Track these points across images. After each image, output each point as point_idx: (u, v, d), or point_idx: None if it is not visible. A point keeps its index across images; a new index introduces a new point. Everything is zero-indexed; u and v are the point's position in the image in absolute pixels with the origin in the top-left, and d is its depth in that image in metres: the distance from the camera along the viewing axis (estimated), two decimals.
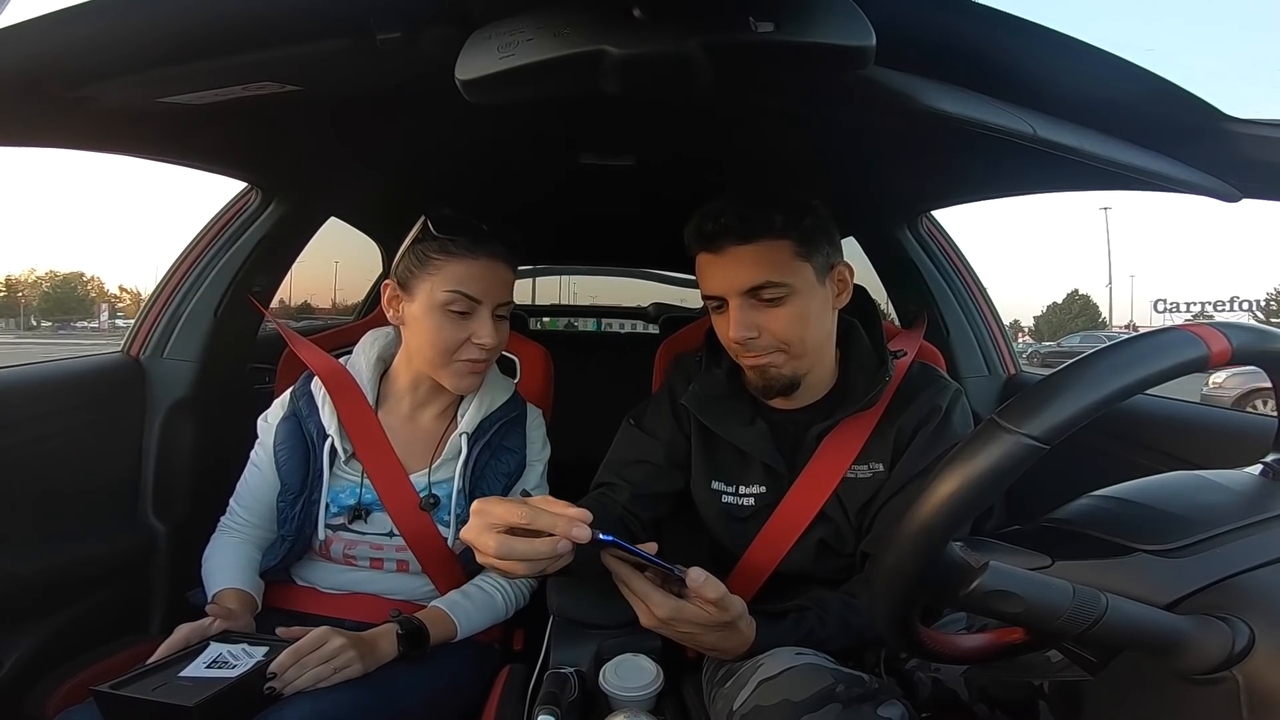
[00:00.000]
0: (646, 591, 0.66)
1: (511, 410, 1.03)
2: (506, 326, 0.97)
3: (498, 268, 0.92)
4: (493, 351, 0.93)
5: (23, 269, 68.93)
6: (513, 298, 0.96)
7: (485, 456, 0.98)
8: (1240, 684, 0.39)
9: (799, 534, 0.86)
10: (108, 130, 0.79)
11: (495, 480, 0.98)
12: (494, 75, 0.50)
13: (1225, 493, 0.48)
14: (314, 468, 0.93)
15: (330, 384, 0.97)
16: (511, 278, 0.95)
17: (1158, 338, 0.43)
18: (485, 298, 0.91)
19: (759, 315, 0.80)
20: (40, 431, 0.97)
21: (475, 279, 0.90)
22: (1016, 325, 43.15)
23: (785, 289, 0.79)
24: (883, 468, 0.86)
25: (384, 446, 0.95)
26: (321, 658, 0.74)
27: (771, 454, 0.87)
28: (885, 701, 0.62)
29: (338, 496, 0.94)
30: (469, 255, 0.90)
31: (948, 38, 0.55)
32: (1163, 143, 0.64)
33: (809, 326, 0.82)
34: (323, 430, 0.94)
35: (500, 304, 0.93)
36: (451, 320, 0.90)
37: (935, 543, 0.41)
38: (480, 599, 0.93)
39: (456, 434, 0.97)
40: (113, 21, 0.55)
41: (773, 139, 1.04)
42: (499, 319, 0.94)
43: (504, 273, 0.93)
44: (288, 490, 0.94)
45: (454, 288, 0.89)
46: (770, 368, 0.83)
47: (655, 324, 2.73)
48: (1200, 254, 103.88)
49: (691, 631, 0.68)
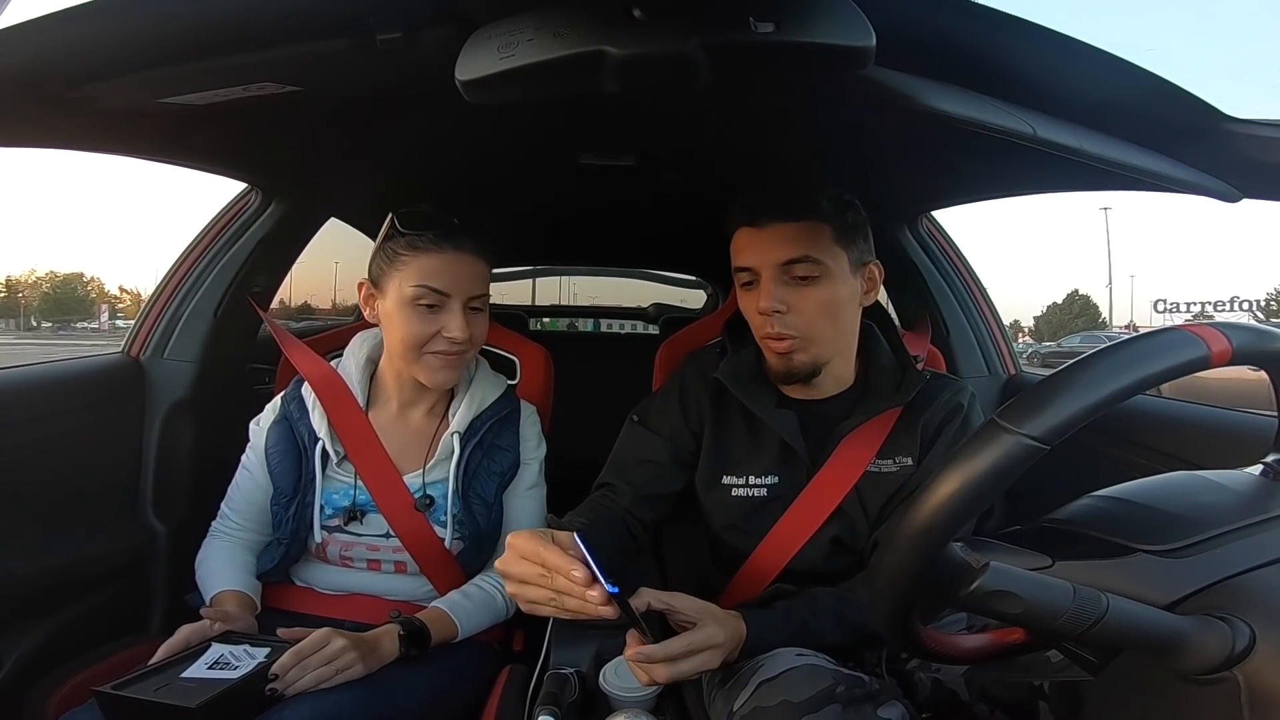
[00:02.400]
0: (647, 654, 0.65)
1: (504, 408, 1.02)
2: (483, 320, 0.96)
3: (466, 260, 0.92)
4: (465, 344, 0.93)
5: (23, 269, 69.04)
6: (488, 290, 0.96)
7: (478, 456, 0.97)
8: (1241, 684, 0.39)
9: (815, 528, 0.87)
10: (108, 130, 0.79)
11: (489, 480, 0.97)
12: (494, 75, 0.50)
13: (1225, 493, 0.48)
14: (306, 471, 0.93)
15: (320, 387, 0.97)
16: (483, 269, 0.95)
17: (1158, 338, 0.43)
18: (453, 291, 0.91)
19: (789, 292, 0.82)
20: (41, 432, 0.97)
21: (441, 272, 0.90)
22: (1016, 325, 43.13)
23: (820, 267, 0.82)
24: (911, 461, 0.87)
25: (376, 448, 0.95)
26: (323, 659, 0.74)
27: (797, 438, 0.87)
28: (885, 702, 0.63)
29: (332, 499, 0.94)
30: (435, 249, 0.90)
31: (948, 38, 0.55)
32: (1163, 143, 0.64)
33: (834, 314, 0.84)
34: (314, 433, 0.94)
35: (472, 297, 0.93)
36: (421, 314, 0.90)
37: (935, 543, 0.41)
38: (481, 599, 0.93)
39: (448, 433, 0.97)
40: (113, 21, 0.55)
41: (773, 139, 1.04)
42: (473, 311, 0.94)
43: (473, 265, 0.93)
44: (281, 494, 0.93)
45: (420, 282, 0.89)
46: (794, 353, 0.84)
47: (655, 324, 2.73)
48: (1200, 254, 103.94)
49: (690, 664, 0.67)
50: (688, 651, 0.66)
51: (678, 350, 1.15)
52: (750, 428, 0.90)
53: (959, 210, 1.41)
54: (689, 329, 1.21)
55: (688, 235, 1.80)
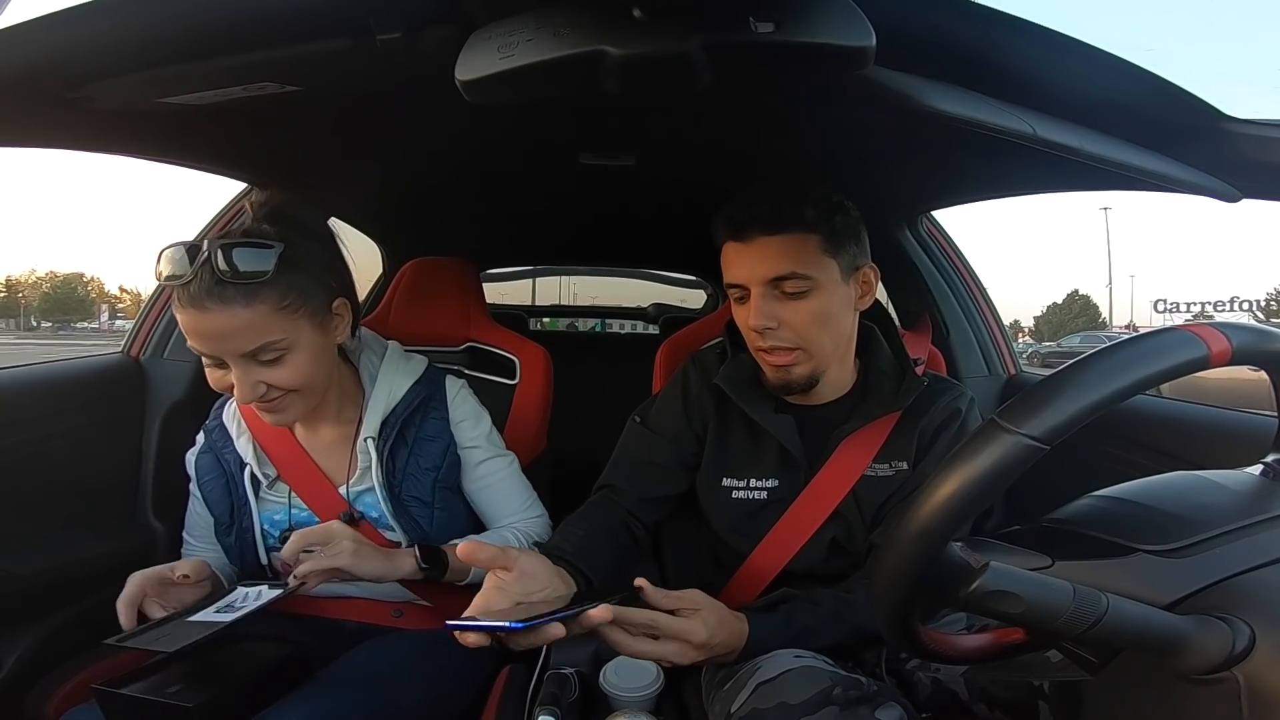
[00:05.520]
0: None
1: (417, 395, 0.93)
2: (295, 362, 0.79)
3: (217, 318, 0.73)
4: (271, 393, 0.79)
5: (23, 269, 69.05)
6: (279, 335, 0.76)
7: (403, 455, 0.91)
8: (1241, 684, 0.39)
9: (813, 530, 0.86)
10: (108, 130, 0.79)
11: (421, 478, 0.91)
12: (494, 75, 0.50)
13: (1225, 493, 0.48)
14: (238, 497, 0.90)
15: (246, 410, 0.91)
16: (251, 320, 0.74)
17: (1158, 338, 0.43)
18: (218, 351, 0.76)
19: (780, 307, 0.81)
20: (40, 432, 0.97)
21: (195, 333, 0.75)
22: (1016, 325, 43.17)
23: (809, 282, 0.80)
24: (906, 465, 0.87)
25: (305, 465, 0.90)
26: (321, 535, 0.76)
27: (795, 443, 0.87)
28: (883, 704, 0.62)
29: (271, 519, 0.91)
30: (184, 306, 0.74)
31: (948, 38, 0.55)
32: (1163, 143, 0.64)
33: (828, 324, 0.83)
34: (240, 459, 0.90)
35: (247, 352, 0.75)
36: (210, 369, 0.80)
37: (935, 543, 0.41)
38: (493, 535, 0.93)
39: (361, 440, 0.90)
40: (113, 21, 0.55)
41: (773, 139, 1.04)
42: (265, 364, 0.77)
43: (232, 320, 0.73)
44: (219, 522, 0.91)
45: (189, 339, 0.76)
46: (790, 366, 0.83)
47: (655, 324, 2.74)
48: (1200, 254, 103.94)
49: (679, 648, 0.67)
50: (648, 627, 0.65)
51: (678, 350, 1.15)
52: (750, 431, 0.90)
53: (959, 210, 1.41)
54: (689, 329, 1.21)
55: (688, 235, 1.80)
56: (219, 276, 0.73)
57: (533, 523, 0.97)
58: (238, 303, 0.74)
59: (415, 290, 1.25)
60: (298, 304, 0.78)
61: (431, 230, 1.73)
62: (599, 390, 1.70)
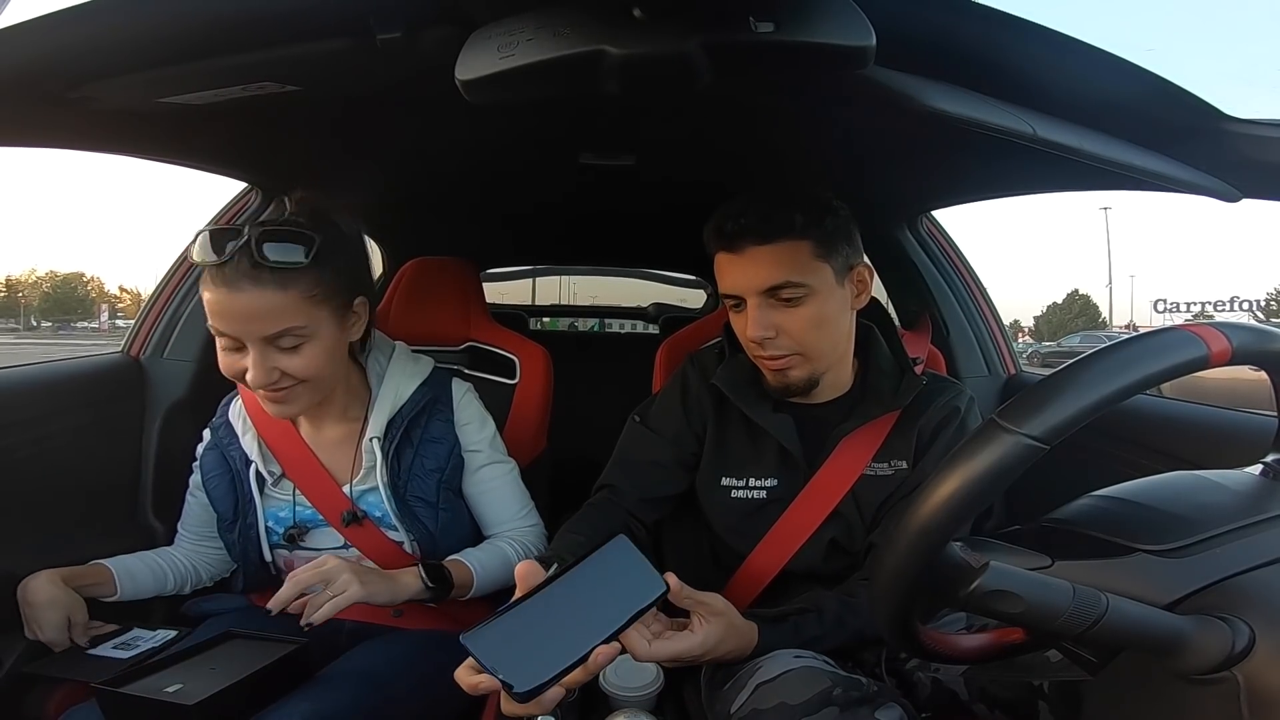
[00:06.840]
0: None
1: (424, 396, 0.94)
2: (310, 351, 0.80)
3: (248, 298, 0.76)
4: (283, 381, 0.80)
5: (23, 269, 69.04)
6: (301, 321, 0.78)
7: (408, 456, 0.92)
8: (1240, 684, 0.39)
9: (812, 530, 0.86)
10: (108, 130, 0.79)
11: (426, 479, 0.91)
12: (494, 75, 0.50)
13: (1225, 493, 0.48)
14: (243, 494, 0.91)
15: (253, 406, 0.93)
16: (280, 303, 0.77)
17: (1158, 338, 0.43)
18: (241, 333, 0.77)
19: (777, 315, 0.81)
20: (40, 432, 0.97)
21: (222, 313, 0.77)
22: (1016, 325, 43.16)
23: (804, 289, 0.80)
24: (905, 465, 0.87)
25: (310, 463, 0.91)
26: (317, 575, 0.75)
27: (794, 443, 0.87)
28: (883, 704, 0.62)
29: (277, 517, 0.91)
30: (214, 285, 0.77)
31: (948, 38, 0.55)
32: (1163, 143, 0.64)
33: (826, 327, 0.83)
34: (246, 456, 0.91)
35: (270, 336, 0.77)
36: (225, 351, 0.80)
37: (935, 543, 0.41)
38: (492, 549, 0.92)
39: (367, 439, 0.90)
40: (113, 21, 0.55)
41: (772, 139, 1.03)
42: (283, 350, 0.79)
43: (260, 301, 0.76)
44: (222, 518, 0.92)
45: (211, 320, 0.78)
46: (790, 370, 0.83)
47: (655, 324, 2.74)
48: (1200, 254, 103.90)
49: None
50: (673, 648, 0.65)
51: (678, 350, 1.15)
52: (750, 431, 0.90)
53: (959, 210, 1.41)
54: (689, 329, 1.22)
55: (687, 235, 1.79)
56: (256, 260, 0.76)
57: (527, 531, 0.97)
58: (271, 286, 0.77)
59: (415, 290, 1.25)
60: (324, 296, 0.81)
61: (431, 230, 1.73)
62: (599, 390, 1.70)
